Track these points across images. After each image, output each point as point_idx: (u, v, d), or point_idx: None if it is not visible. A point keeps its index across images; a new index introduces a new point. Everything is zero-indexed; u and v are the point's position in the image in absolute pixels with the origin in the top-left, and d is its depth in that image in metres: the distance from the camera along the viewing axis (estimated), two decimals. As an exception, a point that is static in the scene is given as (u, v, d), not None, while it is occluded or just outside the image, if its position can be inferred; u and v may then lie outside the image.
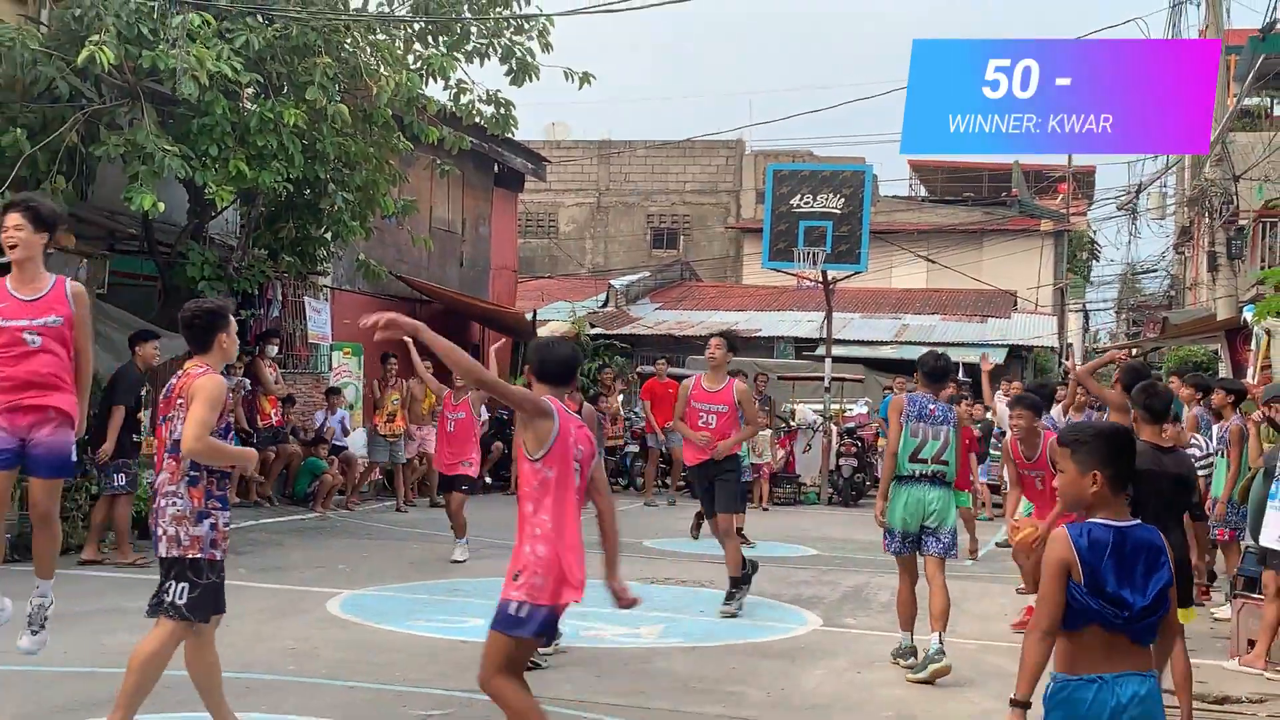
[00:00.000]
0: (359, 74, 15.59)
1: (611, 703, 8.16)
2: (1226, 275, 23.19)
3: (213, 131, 13.95)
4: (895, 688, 8.97)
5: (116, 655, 8.86)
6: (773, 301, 33.22)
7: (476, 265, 26.75)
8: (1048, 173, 41.11)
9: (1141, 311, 45.52)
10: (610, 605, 6.33)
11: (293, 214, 16.41)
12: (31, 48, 13.41)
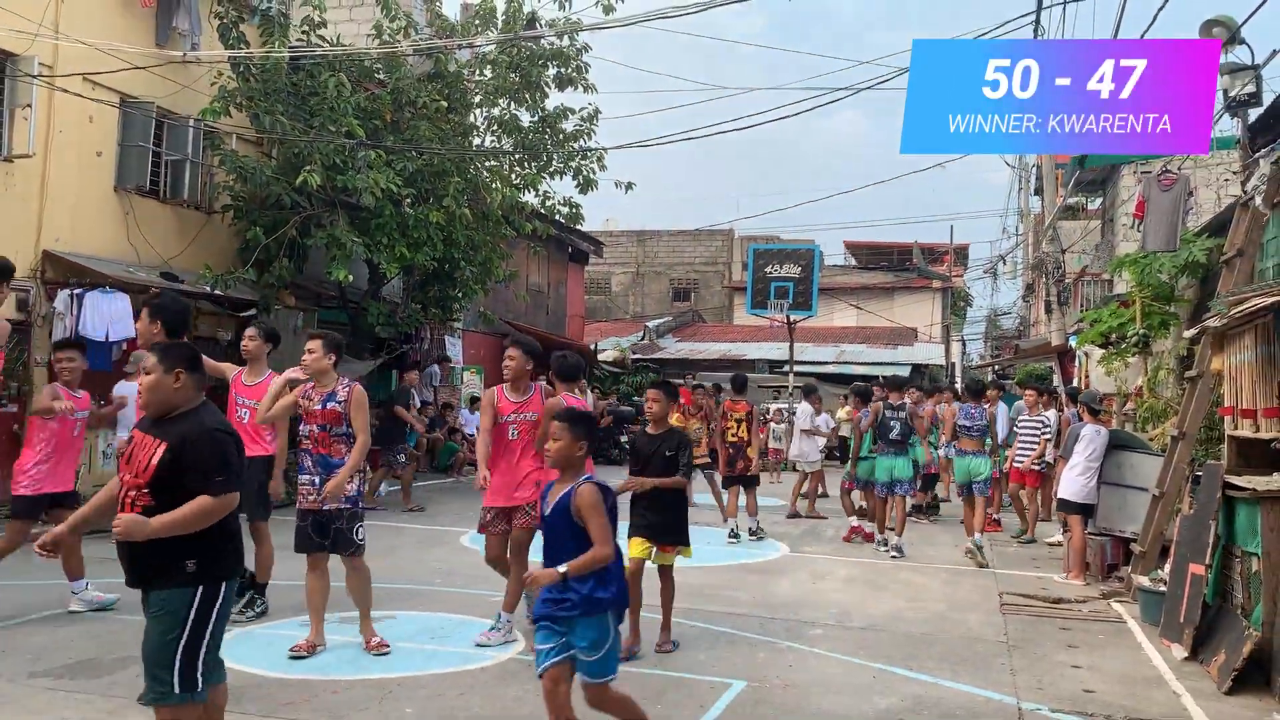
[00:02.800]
0: (479, 188, 15.73)
1: (648, 604, 8.20)
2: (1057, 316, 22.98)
3: (384, 228, 14.07)
4: (838, 593, 8.99)
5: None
6: (754, 335, 33.15)
7: (557, 313, 26.84)
8: (937, 249, 40.90)
9: (1000, 340, 45.20)
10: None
11: (437, 281, 16.55)
12: (266, 173, 13.64)
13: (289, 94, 13.90)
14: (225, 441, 3.86)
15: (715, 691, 5.93)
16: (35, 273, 11.84)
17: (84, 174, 12.47)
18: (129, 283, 12.14)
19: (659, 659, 6.60)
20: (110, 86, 12.49)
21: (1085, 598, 9.00)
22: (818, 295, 24.62)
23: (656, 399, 6.89)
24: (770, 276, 23.37)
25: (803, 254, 24.11)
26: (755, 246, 26.11)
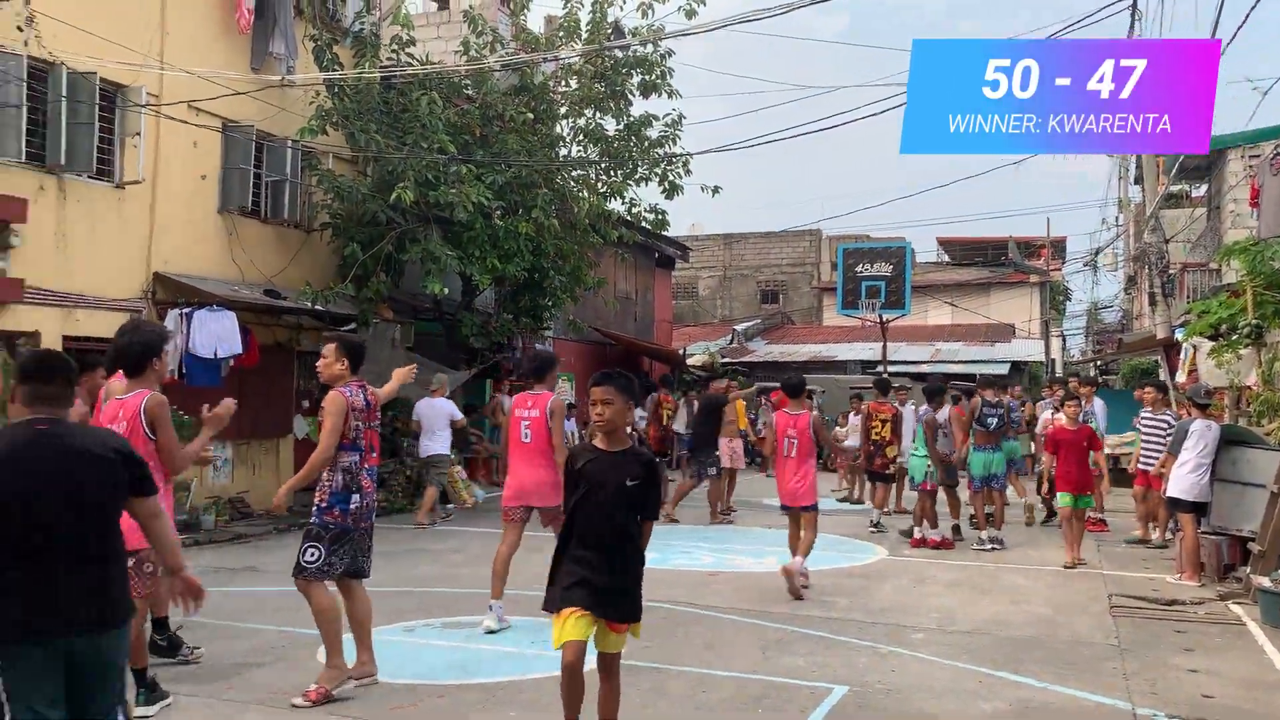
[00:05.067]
0: (566, 198, 15.89)
1: (746, 608, 8.20)
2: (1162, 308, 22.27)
3: (475, 240, 14.28)
4: (940, 597, 8.84)
5: (419, 581, 9.20)
6: (845, 336, 32.75)
7: (645, 319, 26.91)
8: (1033, 242, 39.88)
9: (1102, 335, 43.82)
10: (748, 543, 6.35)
11: (527, 290, 16.72)
12: (362, 191, 14.01)
13: (382, 112, 14.25)
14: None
15: (816, 696, 5.89)
16: (147, 294, 12.37)
17: (190, 198, 12.99)
18: (234, 301, 12.60)
19: (760, 661, 6.58)
20: (212, 112, 12.99)
21: (1200, 599, 8.69)
22: (910, 293, 24.32)
23: (608, 399, 4.58)
24: (861, 276, 23.15)
25: (894, 252, 23.82)
26: (844, 246, 25.90)
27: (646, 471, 4.60)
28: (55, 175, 11.23)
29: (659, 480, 4.70)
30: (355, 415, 5.81)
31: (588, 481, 4.54)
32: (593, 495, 4.51)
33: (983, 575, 9.85)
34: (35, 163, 11.07)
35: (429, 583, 9.08)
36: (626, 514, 4.55)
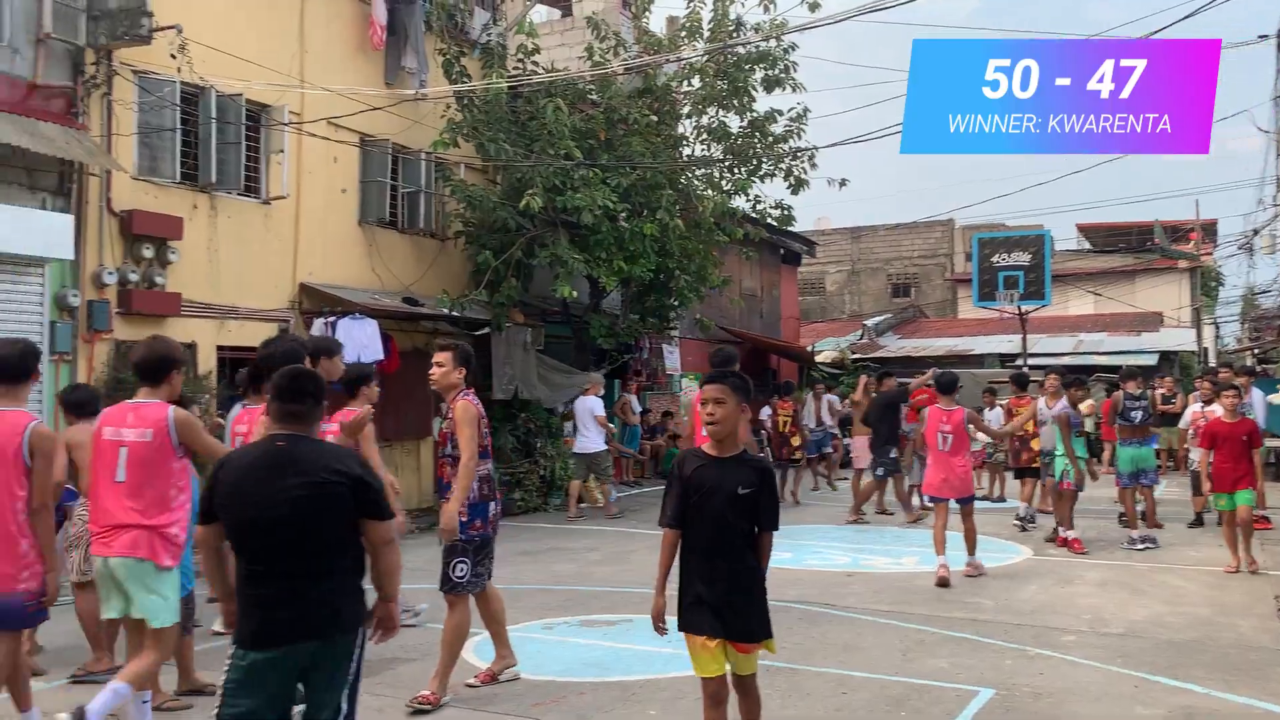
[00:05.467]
0: (690, 197, 15.90)
1: (885, 609, 8.07)
2: (1329, 291, 20.78)
3: (602, 243, 14.43)
4: (1090, 598, 8.52)
5: (557, 579, 9.35)
6: (981, 329, 31.76)
7: (771, 316, 26.70)
8: (1181, 226, 37.92)
9: (1260, 321, 41.29)
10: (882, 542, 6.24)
11: (653, 291, 16.79)
12: (492, 199, 14.34)
13: (510, 122, 14.55)
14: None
15: (961, 699, 5.75)
16: (294, 304, 12.95)
17: (331, 211, 13.54)
18: (375, 309, 13.08)
19: (901, 662, 6.46)
20: (350, 128, 13.51)
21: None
22: (1050, 282, 23.46)
23: (719, 399, 4.26)
24: (997, 266, 22.47)
25: (1031, 240, 23.05)
26: (979, 235, 25.19)
27: (760, 478, 4.26)
28: (207, 194, 11.86)
29: (774, 488, 4.38)
30: (483, 423, 5.82)
31: (697, 490, 4.24)
32: (703, 504, 4.21)
33: (1134, 575, 9.44)
34: (189, 182, 11.72)
35: (566, 580, 9.23)
36: (740, 524, 4.21)
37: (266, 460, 3.60)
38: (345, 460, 3.66)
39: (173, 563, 4.98)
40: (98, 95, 10.71)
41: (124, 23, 10.51)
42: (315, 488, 3.53)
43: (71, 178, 10.48)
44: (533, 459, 15.10)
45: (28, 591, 4.69)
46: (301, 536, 3.52)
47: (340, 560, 3.61)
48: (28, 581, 4.67)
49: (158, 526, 4.91)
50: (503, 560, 9.70)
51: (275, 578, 3.53)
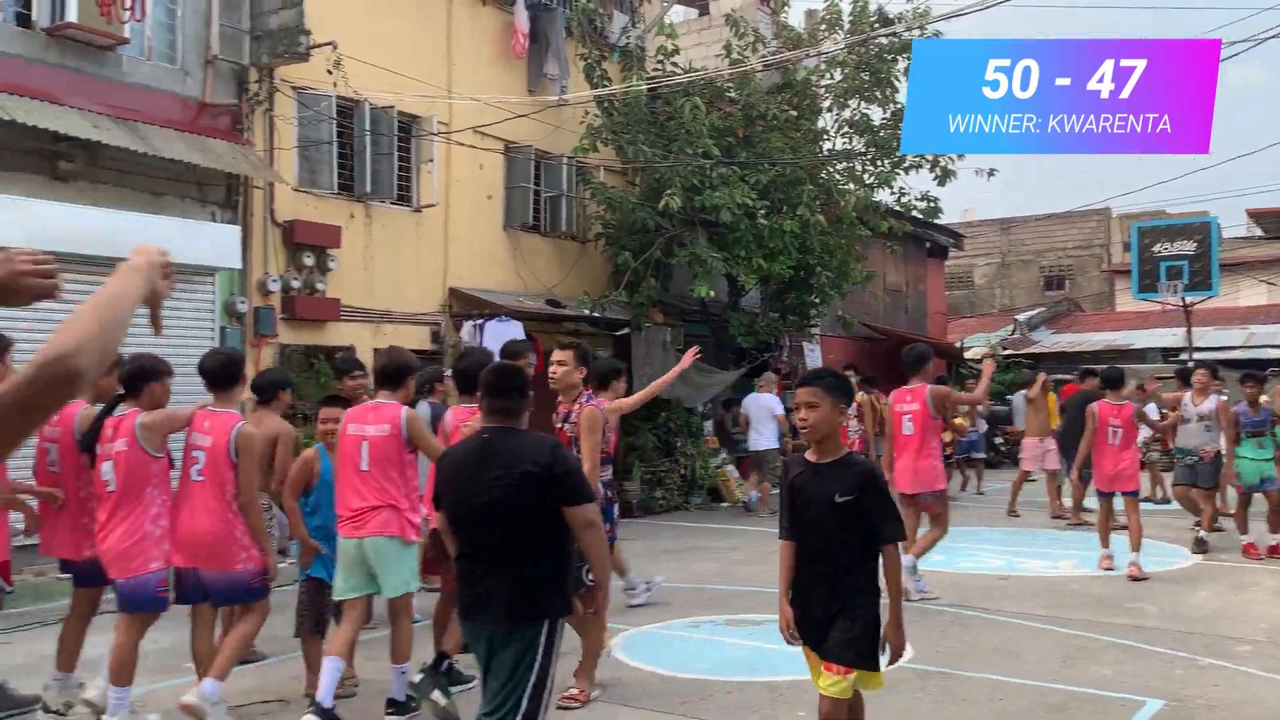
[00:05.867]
0: (832, 192, 15.69)
1: (1042, 613, 7.80)
2: None
3: (741, 241, 14.39)
4: (1267, 605, 8.02)
5: (700, 577, 9.38)
6: (1142, 322, 30.22)
7: (917, 312, 26.11)
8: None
9: None
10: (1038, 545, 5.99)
11: (793, 289, 16.65)
12: (632, 201, 14.51)
13: (649, 123, 14.68)
14: None
15: (1127, 709, 5.51)
16: (444, 307, 13.41)
17: (477, 216, 13.95)
18: (520, 311, 13.41)
19: (1060, 669, 6.24)
20: (495, 135, 13.89)
21: None
22: (1218, 272, 22.16)
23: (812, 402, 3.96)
24: (1159, 256, 21.38)
25: (1196, 228, 21.83)
26: (1139, 224, 24.02)
27: (862, 484, 3.86)
28: (363, 203, 12.40)
29: (882, 494, 3.91)
30: (606, 427, 5.86)
31: (799, 499, 3.99)
32: (803, 514, 3.96)
33: (1319, 584, 8.83)
34: (345, 193, 12.28)
35: (710, 579, 9.27)
36: (844, 535, 3.85)
37: (474, 453, 3.86)
38: (541, 450, 3.79)
39: (416, 537, 5.52)
40: (260, 111, 11.34)
41: (284, 41, 11.09)
42: (514, 479, 3.71)
43: (238, 191, 11.13)
44: (673, 458, 15.19)
45: (247, 571, 5.29)
46: (500, 525, 3.72)
47: (537, 549, 3.74)
48: (245, 563, 5.27)
49: (401, 508, 5.44)
50: (646, 558, 9.84)
51: (477, 560, 3.80)
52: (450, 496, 3.90)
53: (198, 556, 5.28)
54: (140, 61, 10.29)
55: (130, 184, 10.09)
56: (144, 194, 10.20)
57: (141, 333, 2.15)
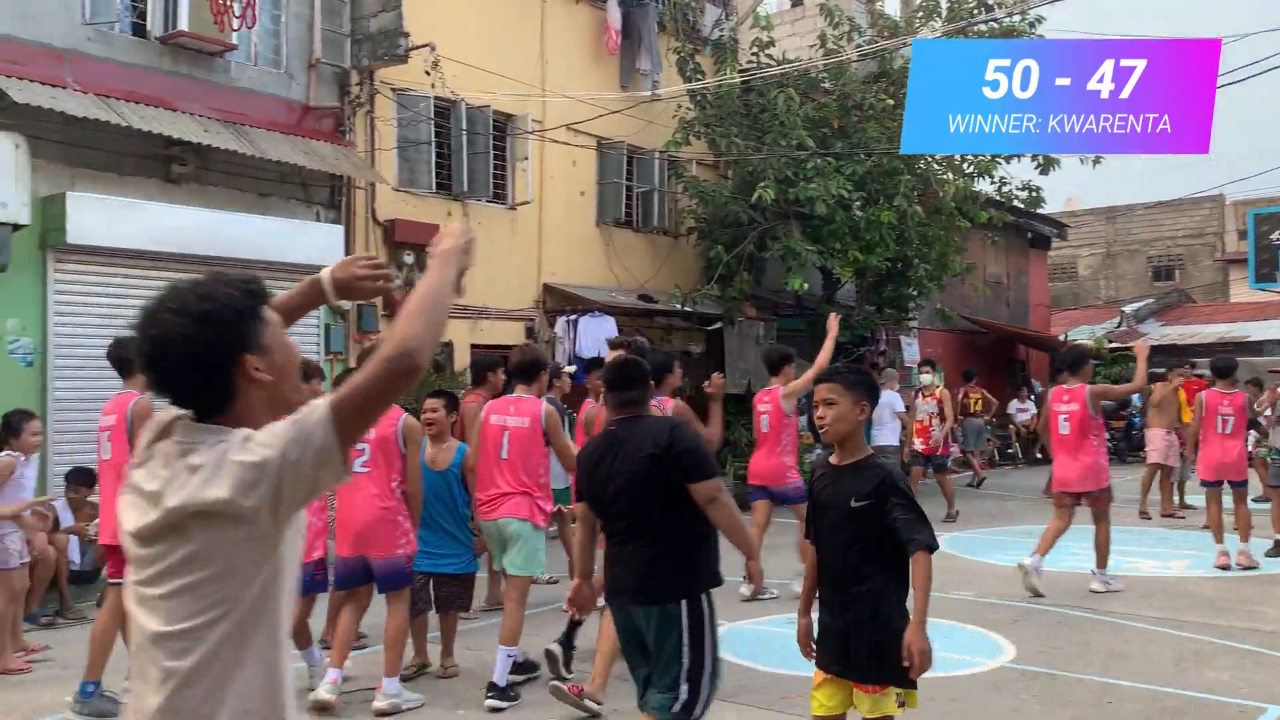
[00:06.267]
0: (930, 182, 15.43)
1: (1153, 615, 7.56)
2: None
3: (836, 233, 14.28)
4: (1400, 611, 7.63)
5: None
6: (1259, 313, 28.93)
7: (1019, 304, 25.47)
8: None
9: None
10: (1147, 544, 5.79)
11: (890, 281, 16.45)
12: (724, 194, 14.50)
13: (742, 116, 14.64)
14: None
15: (1246, 715, 5.32)
16: (538, 303, 13.58)
17: (571, 213, 14.10)
18: (613, 306, 13.51)
19: (1174, 673, 6.04)
20: (588, 132, 14.01)
21: None
22: (1343, 260, 21.09)
23: (829, 399, 3.64)
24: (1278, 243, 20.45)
25: (1319, 214, 20.80)
26: (1256, 211, 23.02)
27: (879, 487, 3.52)
28: (460, 202, 12.64)
29: (902, 498, 3.53)
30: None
31: (820, 503, 3.73)
32: (822, 520, 3.70)
33: None
34: (443, 192, 12.54)
35: (806, 576, 9.18)
36: (860, 544, 3.54)
37: (603, 445, 4.11)
38: (661, 431, 3.94)
39: (545, 523, 5.93)
40: (361, 114, 11.64)
41: (383, 44, 11.36)
42: (637, 463, 3.90)
43: (340, 191, 11.46)
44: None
45: (406, 556, 5.66)
46: (631, 508, 3.92)
47: (668, 529, 3.87)
48: (405, 548, 5.65)
49: (534, 495, 5.87)
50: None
51: (616, 543, 4.02)
52: (587, 487, 4.13)
53: (361, 544, 5.63)
54: (247, 66, 10.67)
55: (238, 185, 10.47)
56: (251, 195, 10.57)
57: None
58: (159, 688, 1.77)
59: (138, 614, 1.82)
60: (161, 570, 1.78)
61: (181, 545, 1.76)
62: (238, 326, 1.84)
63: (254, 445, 1.74)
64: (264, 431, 1.76)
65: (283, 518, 1.77)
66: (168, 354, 1.83)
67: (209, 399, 1.84)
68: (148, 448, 1.89)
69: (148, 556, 1.80)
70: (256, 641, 1.79)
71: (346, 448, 1.74)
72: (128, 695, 1.87)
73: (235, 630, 1.77)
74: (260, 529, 1.75)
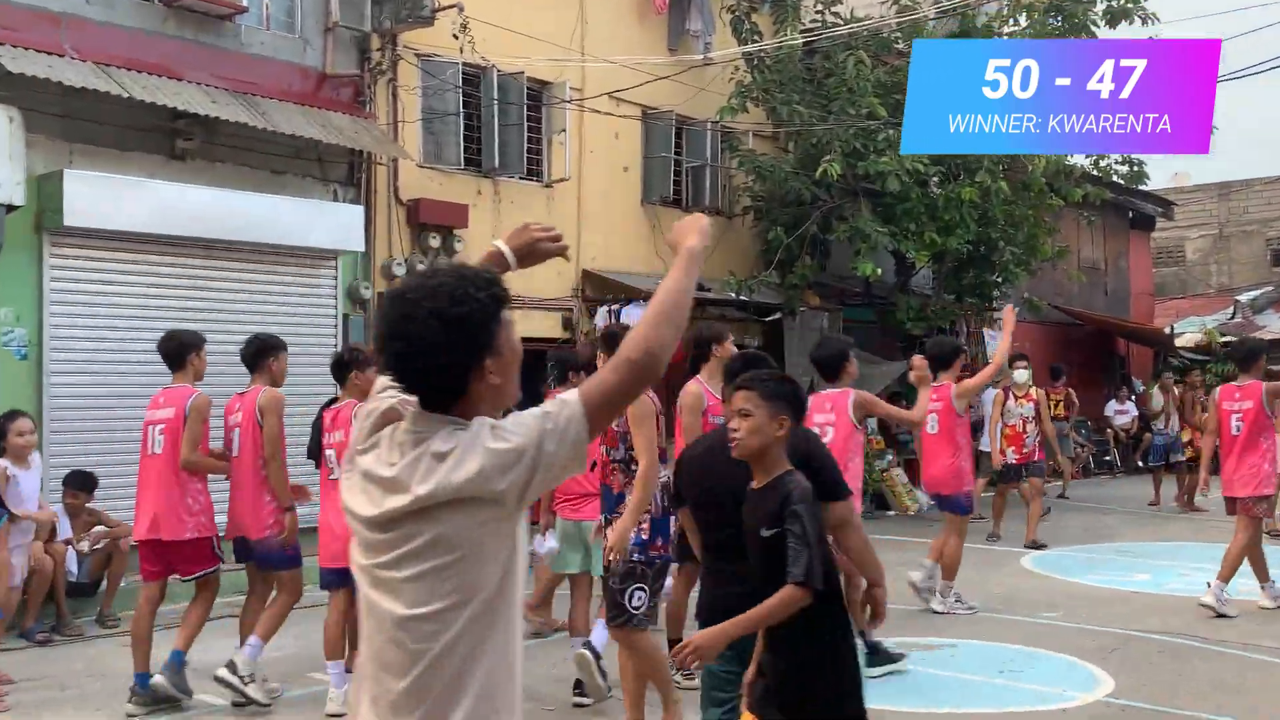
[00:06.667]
0: (1018, 155, 15.14)
1: (1270, 645, 7.32)
2: None
3: (911, 213, 14.05)
4: None
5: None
6: (1394, 303, 28.16)
7: (1119, 292, 25.01)
8: None
9: None
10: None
11: (972, 266, 16.19)
12: (784, 170, 14.31)
13: (804, 81, 14.45)
14: None
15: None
16: (577, 291, 13.51)
17: (613, 191, 14.01)
18: (660, 294, 13.37)
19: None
20: (632, 101, 13.89)
21: None
22: None
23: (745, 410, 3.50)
24: None
25: None
26: (1391, 186, 22.28)
27: (781, 510, 3.37)
28: (490, 179, 12.61)
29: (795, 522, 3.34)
30: (659, 420, 5.45)
31: (746, 532, 3.57)
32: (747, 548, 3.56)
33: None
34: (472, 168, 12.51)
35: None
36: (779, 580, 3.32)
37: (718, 446, 3.91)
38: (804, 442, 3.82)
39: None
40: (383, 82, 11.64)
41: (407, 5, 11.34)
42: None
43: (360, 168, 11.46)
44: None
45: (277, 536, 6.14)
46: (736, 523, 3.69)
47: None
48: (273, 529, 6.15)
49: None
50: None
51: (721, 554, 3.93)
52: (694, 490, 4.11)
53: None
54: (259, 30, 10.70)
55: (248, 161, 10.51)
56: (263, 172, 10.61)
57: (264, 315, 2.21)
58: (404, 670, 2.04)
59: (375, 596, 2.09)
60: (404, 553, 2.05)
61: (428, 529, 2.04)
62: (485, 330, 2.12)
63: (506, 433, 2.04)
64: (511, 421, 2.07)
65: (525, 503, 2.08)
66: (420, 353, 2.09)
67: (444, 394, 2.12)
68: (371, 434, 2.19)
69: (388, 540, 2.07)
70: (500, 625, 2.08)
71: (592, 440, 2.08)
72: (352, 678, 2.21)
73: (482, 612, 2.05)
74: (505, 512, 2.05)
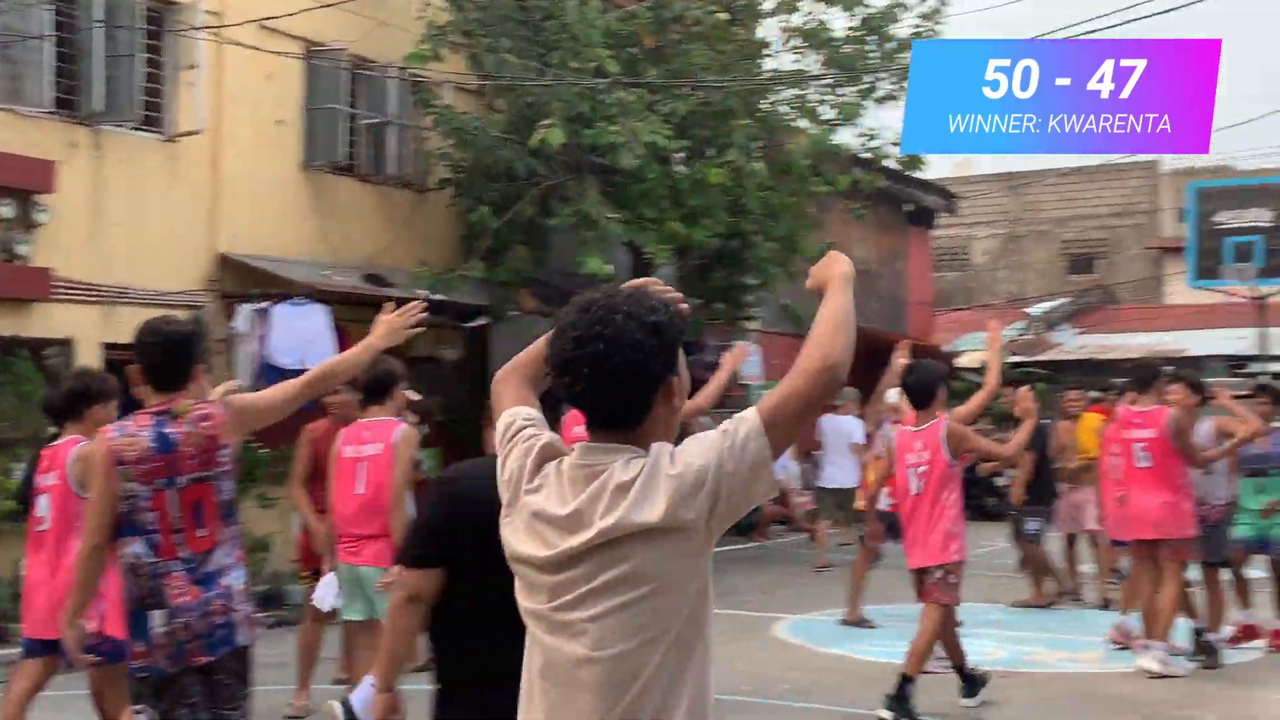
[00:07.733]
0: (776, 130, 15.74)
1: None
2: None
3: (649, 196, 14.35)
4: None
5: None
6: (1200, 320, 31.14)
7: (893, 300, 26.45)
8: None
9: None
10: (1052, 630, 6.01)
11: (723, 264, 16.68)
12: (492, 133, 14.29)
13: (517, 23, 14.50)
14: None
15: None
16: (211, 283, 12.98)
17: (262, 150, 13.60)
18: (326, 290, 13.06)
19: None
20: (291, 34, 13.54)
21: None
22: (1303, 252, 23.01)
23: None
24: (1223, 229, 22.14)
25: (1274, 191, 22.58)
26: (1197, 184, 24.81)
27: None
28: (89, 127, 11.94)
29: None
30: (123, 471, 4.67)
31: None
32: None
33: None
34: (65, 111, 11.81)
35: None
36: None
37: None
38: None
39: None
40: (-64, -11, 10.80)
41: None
42: None
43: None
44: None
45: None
46: None
47: None
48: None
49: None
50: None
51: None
52: None
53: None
54: None
55: None
56: None
57: None
58: (598, 716, 2.40)
59: (553, 642, 2.46)
60: (586, 592, 2.42)
61: (613, 565, 2.40)
62: (676, 350, 2.53)
63: (684, 458, 2.41)
64: (690, 443, 2.44)
65: (715, 529, 2.43)
66: (621, 356, 2.45)
67: (629, 410, 2.49)
68: (535, 472, 2.56)
69: (566, 581, 2.44)
70: (695, 659, 2.45)
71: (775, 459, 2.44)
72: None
73: (676, 648, 2.41)
74: (695, 541, 2.42)
